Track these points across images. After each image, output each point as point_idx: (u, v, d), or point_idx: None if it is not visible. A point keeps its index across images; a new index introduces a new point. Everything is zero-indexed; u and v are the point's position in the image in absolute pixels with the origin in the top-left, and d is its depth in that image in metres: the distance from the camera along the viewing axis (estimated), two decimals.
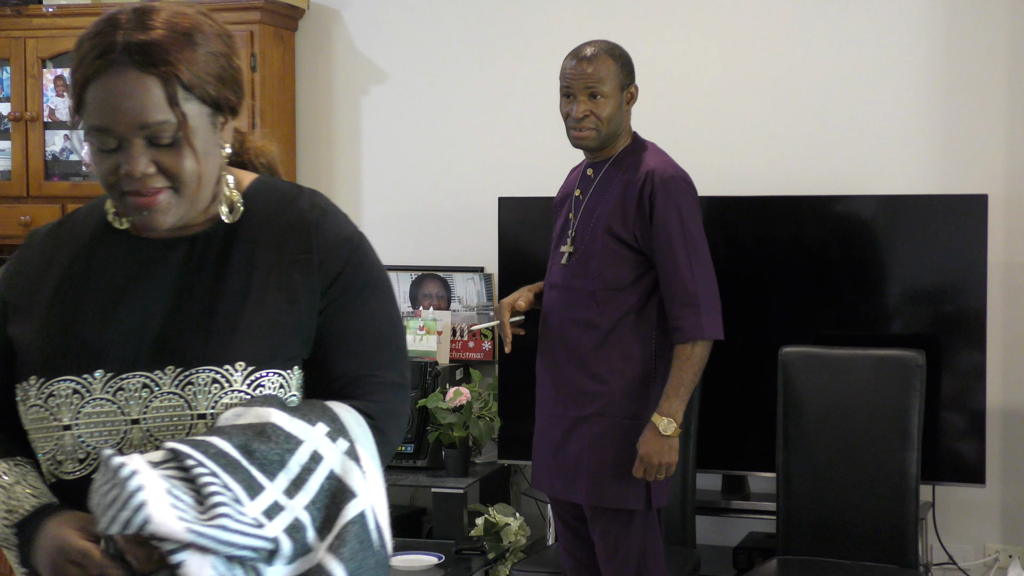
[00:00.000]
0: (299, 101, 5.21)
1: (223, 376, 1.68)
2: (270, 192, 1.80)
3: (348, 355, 1.75)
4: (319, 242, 1.74)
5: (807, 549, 3.86)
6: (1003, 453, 4.47)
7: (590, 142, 3.38)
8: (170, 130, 1.62)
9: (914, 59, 4.54)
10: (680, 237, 3.25)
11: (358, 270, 1.77)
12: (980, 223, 4.14)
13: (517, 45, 4.94)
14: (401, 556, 4.25)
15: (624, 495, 3.28)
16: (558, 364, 3.40)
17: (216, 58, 1.68)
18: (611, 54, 3.40)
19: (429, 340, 4.89)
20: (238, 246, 1.74)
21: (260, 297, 1.71)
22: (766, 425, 4.07)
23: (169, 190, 1.65)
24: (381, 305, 1.80)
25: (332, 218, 1.78)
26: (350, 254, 1.76)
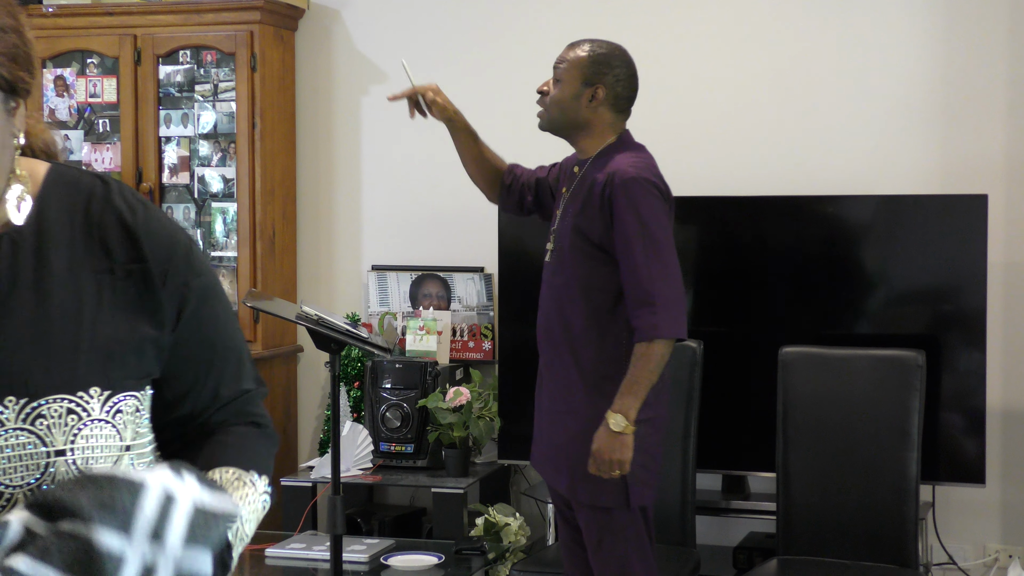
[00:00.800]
0: (299, 101, 5.21)
1: (79, 405, 1.46)
2: (71, 184, 1.56)
3: (212, 371, 1.60)
4: (151, 248, 1.53)
5: (807, 549, 3.86)
6: (1003, 453, 4.47)
7: (541, 122, 3.45)
8: None
9: (914, 59, 4.55)
10: (638, 237, 3.25)
11: (201, 275, 1.59)
12: (980, 223, 4.14)
13: (517, 45, 4.95)
14: (401, 556, 4.25)
15: (600, 492, 3.30)
16: (548, 358, 3.44)
17: (6, 34, 1.44)
18: (589, 48, 3.40)
19: (429, 340, 4.89)
20: (52, 250, 1.50)
21: (95, 313, 1.50)
22: (766, 425, 4.07)
23: None
24: (226, 307, 1.63)
25: (155, 218, 1.57)
26: (188, 258, 1.57)
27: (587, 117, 3.39)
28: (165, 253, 1.54)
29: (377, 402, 4.73)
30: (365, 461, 4.71)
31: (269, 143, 5.01)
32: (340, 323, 3.42)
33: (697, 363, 4.11)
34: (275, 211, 5.06)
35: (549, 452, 3.43)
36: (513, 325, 4.64)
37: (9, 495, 1.43)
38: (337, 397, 3.39)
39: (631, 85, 3.43)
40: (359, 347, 4.90)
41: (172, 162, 5.05)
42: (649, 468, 3.34)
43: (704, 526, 4.45)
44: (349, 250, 5.18)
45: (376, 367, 4.73)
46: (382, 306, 5.07)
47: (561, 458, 3.36)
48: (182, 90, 5.02)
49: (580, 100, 3.38)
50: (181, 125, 5.04)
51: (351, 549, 4.20)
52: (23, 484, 1.44)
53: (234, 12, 4.96)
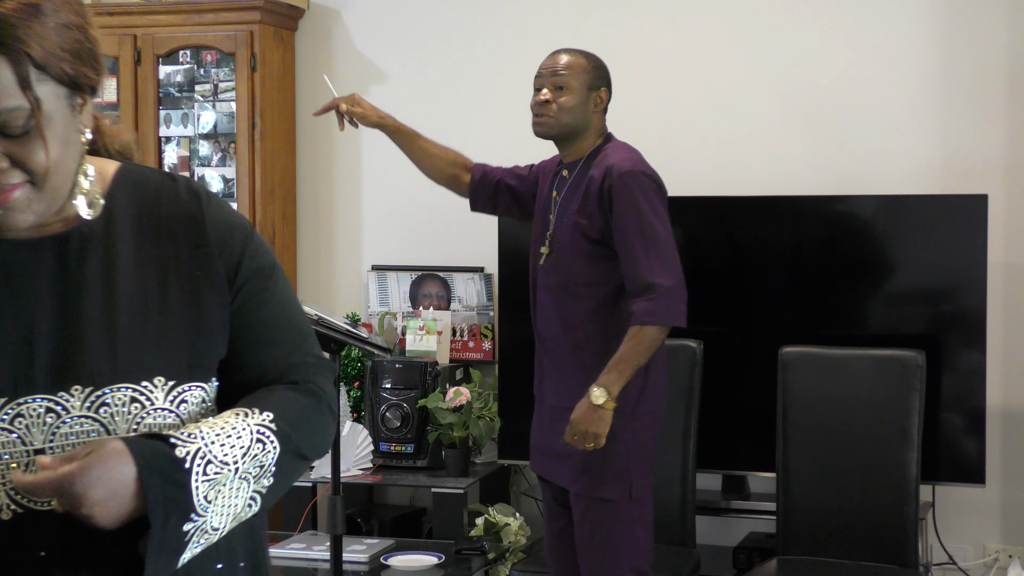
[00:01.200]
0: (299, 101, 5.21)
1: (142, 394, 1.49)
2: (140, 181, 1.60)
3: (271, 346, 1.62)
4: (213, 232, 1.58)
5: (807, 549, 3.86)
6: (1003, 453, 4.47)
7: (548, 128, 3.45)
8: (23, 118, 1.41)
9: (914, 59, 4.55)
10: (637, 229, 3.29)
11: (257, 257, 1.63)
12: (980, 223, 4.14)
13: (516, 45, 4.94)
14: (401, 556, 4.26)
15: (605, 484, 3.34)
16: (551, 360, 3.48)
17: (70, 31, 1.44)
18: (584, 55, 3.50)
19: (429, 340, 4.89)
20: (120, 244, 1.54)
21: (162, 301, 1.53)
22: (766, 425, 4.07)
23: (27, 185, 1.44)
24: (286, 288, 1.67)
25: (216, 205, 1.61)
26: (246, 241, 1.61)
27: (590, 121, 3.46)
28: (224, 234, 1.58)
29: (377, 402, 4.73)
30: (365, 461, 4.71)
31: (269, 143, 5.01)
32: (340, 323, 3.43)
33: (697, 363, 4.11)
34: (275, 211, 5.06)
35: (551, 447, 3.45)
36: (513, 325, 4.64)
37: None
38: (337, 397, 3.39)
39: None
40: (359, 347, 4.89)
41: (172, 162, 5.05)
42: (648, 460, 3.39)
43: (704, 526, 4.45)
44: (349, 250, 5.18)
45: (376, 367, 4.73)
46: (382, 306, 5.07)
47: (564, 453, 3.39)
48: (182, 90, 5.02)
49: (587, 105, 3.44)
50: (181, 125, 5.04)
51: (351, 549, 4.20)
52: None
53: (234, 12, 4.96)
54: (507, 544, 4.44)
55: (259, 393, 1.58)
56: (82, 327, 1.49)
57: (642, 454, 3.37)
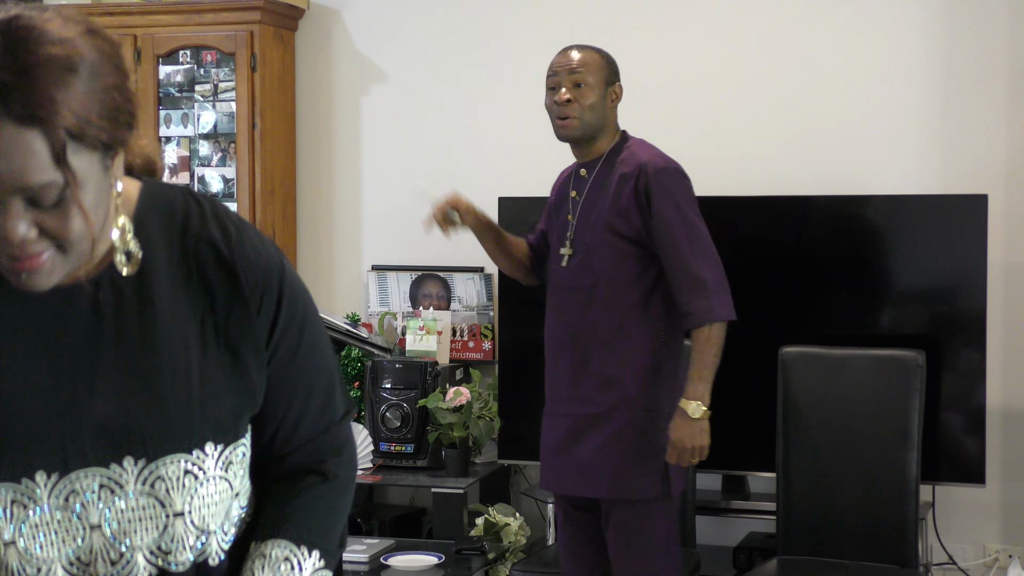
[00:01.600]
0: (299, 101, 5.21)
1: (196, 465, 1.46)
2: (165, 207, 1.51)
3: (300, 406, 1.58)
4: (247, 280, 1.50)
5: (807, 549, 3.86)
6: (1003, 453, 4.47)
7: (574, 130, 3.39)
8: (56, 190, 1.30)
9: (914, 59, 4.55)
10: (680, 225, 3.28)
11: (294, 305, 1.55)
12: (980, 223, 4.14)
13: (517, 45, 4.94)
14: (401, 556, 4.25)
15: (643, 485, 3.31)
16: (569, 364, 3.40)
17: (109, 93, 1.34)
18: (597, 51, 3.46)
19: (429, 340, 4.89)
20: (155, 289, 1.47)
21: (203, 359, 1.47)
22: (766, 425, 4.07)
23: (53, 250, 1.35)
24: (318, 333, 1.60)
25: (249, 242, 1.52)
26: (281, 287, 1.53)
27: (607, 118, 3.42)
28: (261, 280, 1.51)
29: (377, 402, 4.73)
30: (365, 461, 4.71)
31: (269, 143, 5.01)
32: (340, 323, 3.43)
33: None
34: (275, 211, 5.06)
35: (571, 462, 3.38)
36: (513, 325, 4.64)
37: (130, 555, 1.45)
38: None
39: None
40: (359, 347, 4.91)
41: (172, 162, 5.06)
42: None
43: (704, 526, 4.45)
44: (349, 250, 5.18)
45: (376, 367, 4.73)
46: (382, 306, 5.07)
47: (594, 463, 3.33)
48: (182, 90, 5.03)
49: (606, 101, 3.41)
50: (181, 125, 5.04)
51: (351, 549, 4.20)
52: (141, 544, 1.46)
53: (234, 12, 4.96)
54: (507, 544, 4.44)
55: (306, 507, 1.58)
56: (127, 390, 1.44)
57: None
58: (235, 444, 1.51)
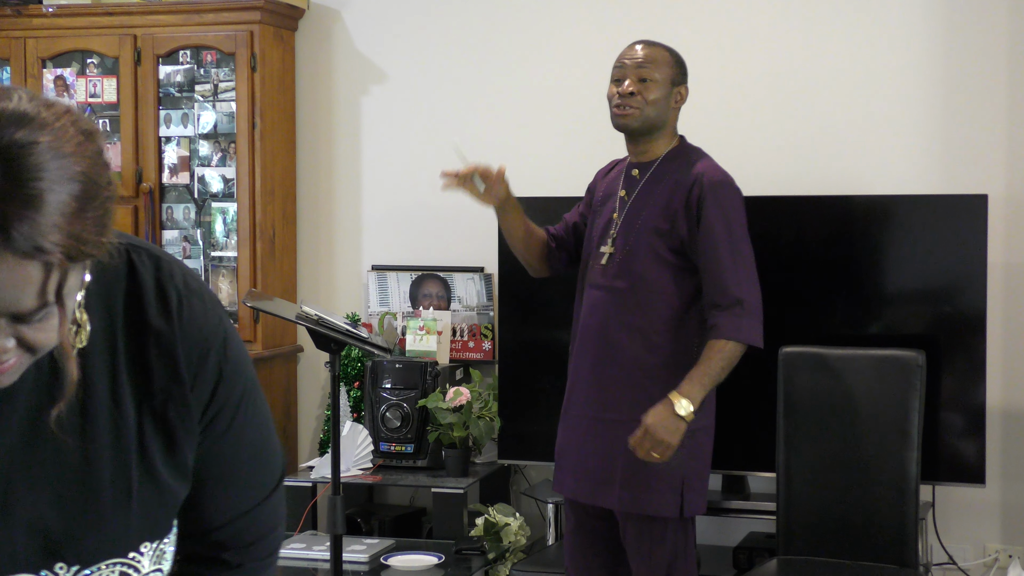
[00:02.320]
0: (299, 101, 5.21)
1: (131, 566, 1.39)
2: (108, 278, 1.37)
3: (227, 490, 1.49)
4: (186, 358, 1.39)
5: (807, 549, 3.86)
6: (1003, 453, 4.47)
7: (632, 121, 3.32)
8: (41, 312, 1.21)
9: (914, 59, 4.55)
10: (726, 241, 3.23)
11: (232, 382, 1.44)
12: (980, 223, 4.14)
13: (517, 45, 4.95)
14: (401, 556, 4.25)
15: (658, 503, 3.25)
16: (597, 364, 3.35)
17: (103, 204, 1.21)
18: (668, 49, 3.40)
19: (429, 340, 4.89)
20: (95, 373, 1.36)
21: (141, 451, 1.38)
22: (766, 425, 4.07)
23: (23, 352, 1.25)
24: (255, 409, 1.49)
25: (190, 314, 1.40)
26: (221, 364, 1.42)
27: (668, 118, 3.38)
28: (198, 359, 1.40)
29: (377, 402, 4.73)
30: (365, 461, 4.71)
31: (269, 143, 5.01)
32: (340, 323, 3.43)
33: None
34: (275, 211, 5.06)
35: (589, 468, 3.33)
36: (513, 325, 4.64)
37: None
38: (337, 397, 3.39)
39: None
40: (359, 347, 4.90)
41: (172, 162, 5.05)
42: (703, 477, 3.33)
43: (704, 526, 4.45)
44: (349, 250, 5.18)
45: (376, 367, 4.73)
46: (382, 306, 5.07)
47: (610, 472, 3.29)
48: (182, 90, 5.02)
49: (669, 101, 3.36)
50: (181, 125, 5.04)
51: (351, 549, 4.20)
52: None
53: (234, 12, 4.96)
54: (507, 544, 4.44)
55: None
56: (63, 492, 1.34)
57: (698, 470, 3.30)
58: (168, 535, 1.44)
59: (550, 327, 4.47)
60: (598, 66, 4.62)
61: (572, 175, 4.37)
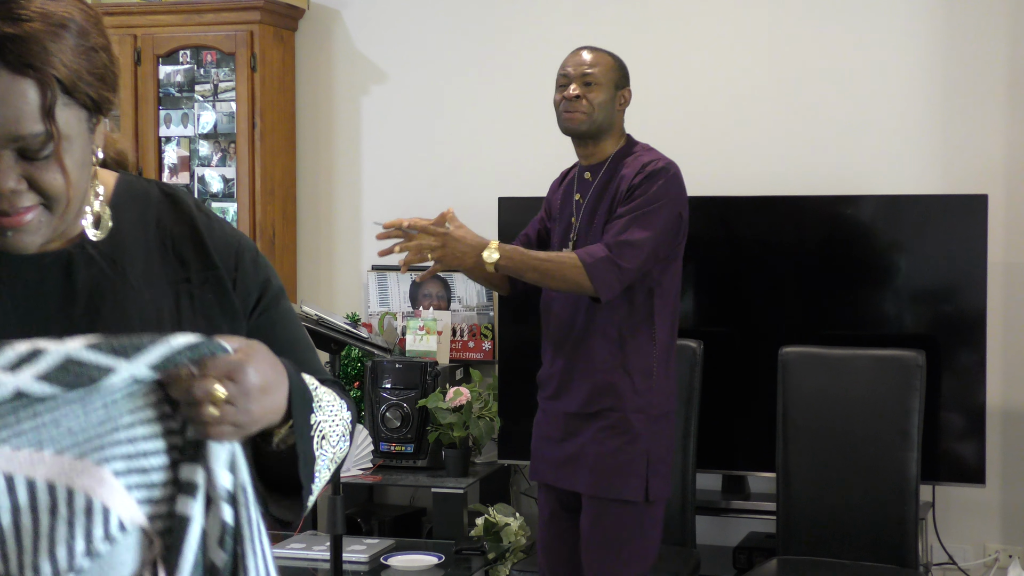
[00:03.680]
0: (299, 101, 5.21)
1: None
2: (140, 194, 1.56)
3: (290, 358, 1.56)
4: (221, 255, 1.54)
5: (807, 549, 3.86)
6: (1003, 453, 4.47)
7: (580, 124, 3.40)
8: (44, 142, 1.35)
9: (914, 59, 4.55)
10: (639, 209, 3.27)
11: (269, 280, 1.60)
12: (980, 223, 4.14)
13: (517, 45, 4.95)
14: (401, 556, 4.25)
15: (623, 487, 3.31)
16: (564, 362, 3.42)
17: (98, 54, 1.41)
18: (609, 54, 3.49)
19: (429, 340, 4.89)
20: (127, 263, 1.49)
21: (176, 327, 1.48)
22: (766, 425, 4.07)
23: (40, 207, 1.39)
24: (291, 306, 1.66)
25: (219, 227, 1.58)
26: (256, 264, 1.58)
27: (614, 120, 3.45)
28: (233, 259, 1.55)
29: (377, 402, 4.73)
30: (365, 461, 4.71)
31: (269, 143, 5.01)
32: (340, 323, 3.43)
33: (697, 363, 4.12)
34: (275, 211, 5.06)
35: (561, 454, 3.41)
36: (513, 325, 4.64)
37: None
38: None
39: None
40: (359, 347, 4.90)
41: (172, 162, 5.05)
42: (667, 462, 3.37)
43: (704, 526, 4.45)
44: (349, 250, 5.18)
45: (376, 367, 4.73)
46: (382, 306, 5.07)
47: (579, 457, 3.35)
48: (182, 90, 5.03)
49: (614, 104, 3.44)
50: (181, 125, 5.04)
51: (351, 549, 4.20)
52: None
53: (234, 12, 4.96)
54: (507, 544, 4.44)
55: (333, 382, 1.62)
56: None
57: (661, 455, 3.34)
58: None
59: None
60: None
61: None
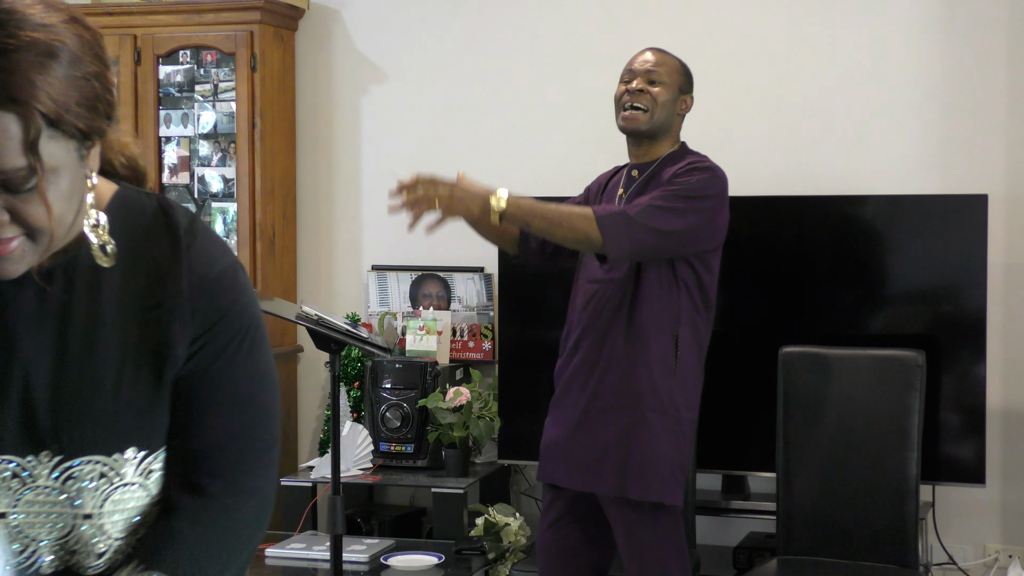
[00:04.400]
0: (299, 101, 5.21)
1: (112, 468, 1.42)
2: (134, 211, 1.48)
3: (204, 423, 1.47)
4: (190, 277, 1.45)
5: (807, 549, 3.86)
6: (1003, 453, 4.47)
7: (641, 123, 3.35)
8: (26, 176, 1.29)
9: (914, 59, 4.55)
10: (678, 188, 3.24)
11: (229, 318, 1.48)
12: (980, 223, 4.14)
13: (517, 45, 4.94)
14: (401, 556, 4.25)
15: (646, 487, 3.26)
16: (586, 354, 3.38)
17: (88, 82, 1.33)
18: (675, 57, 3.46)
19: (429, 340, 4.89)
20: (104, 289, 1.43)
21: (140, 361, 1.42)
22: (766, 425, 4.07)
23: (23, 237, 1.33)
24: (249, 356, 1.51)
25: (201, 247, 1.47)
26: (220, 297, 1.47)
27: (672, 124, 3.43)
28: (202, 286, 1.46)
29: (377, 402, 4.73)
30: (365, 461, 4.71)
31: (269, 143, 5.01)
32: (340, 323, 3.42)
33: None
34: (275, 211, 5.06)
35: (585, 454, 3.35)
36: (513, 325, 4.64)
37: (34, 547, 1.43)
38: (337, 397, 3.39)
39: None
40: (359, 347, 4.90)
41: (172, 162, 5.05)
42: (685, 467, 3.35)
43: (704, 526, 4.45)
44: (349, 250, 5.18)
45: (376, 367, 4.73)
46: (382, 306, 5.07)
47: (608, 456, 3.30)
48: (182, 90, 5.03)
49: (675, 106, 3.41)
50: (181, 125, 5.04)
51: (351, 549, 4.20)
52: (49, 539, 1.43)
53: (234, 12, 4.96)
54: (507, 544, 4.44)
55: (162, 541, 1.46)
56: (58, 383, 1.40)
57: (680, 460, 3.31)
58: (160, 450, 1.45)
59: (550, 327, 4.46)
60: (598, 66, 4.63)
61: (572, 175, 4.36)
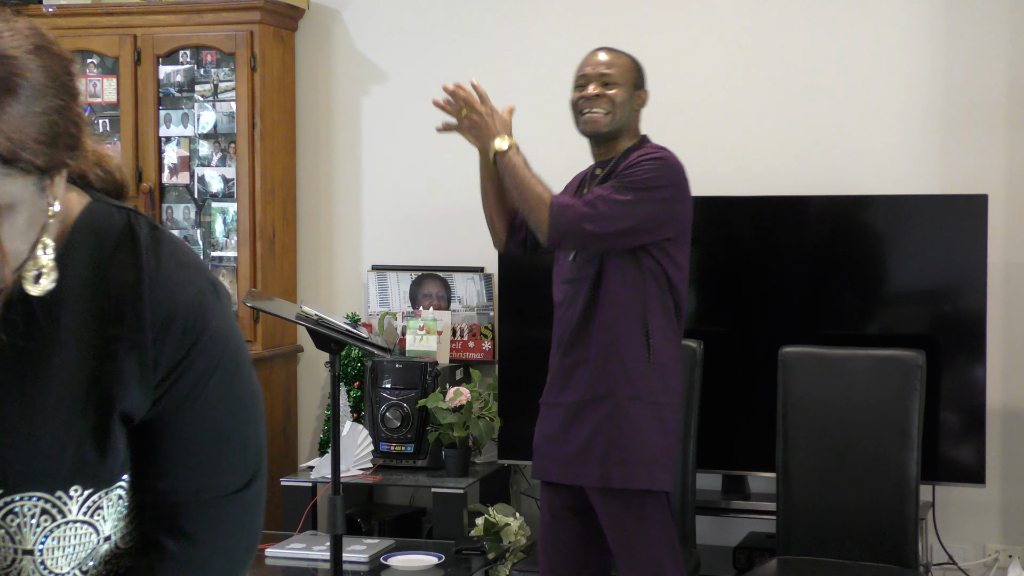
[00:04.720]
0: (299, 101, 5.21)
1: (55, 506, 1.35)
2: (101, 232, 1.40)
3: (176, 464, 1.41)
4: (153, 311, 1.36)
5: (807, 549, 3.86)
6: (1003, 453, 4.47)
7: (600, 126, 3.41)
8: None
9: (914, 59, 4.55)
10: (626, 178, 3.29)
11: (198, 351, 1.39)
12: (980, 223, 4.14)
13: (517, 45, 4.95)
14: (401, 556, 4.25)
15: (630, 475, 3.29)
16: (566, 354, 3.42)
17: (48, 116, 1.26)
18: (626, 54, 3.50)
19: (429, 340, 4.89)
20: (64, 318, 1.36)
21: (91, 392, 1.35)
22: (766, 425, 4.07)
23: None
24: (225, 390, 1.42)
25: (168, 273, 1.38)
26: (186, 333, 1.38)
27: (631, 121, 3.47)
28: (167, 319, 1.37)
29: (377, 402, 4.73)
30: (365, 461, 4.71)
31: (269, 143, 5.00)
32: (340, 323, 3.43)
33: (697, 363, 4.11)
34: (275, 211, 5.06)
35: (564, 451, 3.39)
36: (513, 325, 4.64)
37: None
38: (337, 397, 3.39)
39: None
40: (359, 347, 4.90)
41: (172, 162, 5.05)
42: (671, 453, 3.37)
43: (704, 526, 4.45)
44: (349, 250, 5.18)
45: (376, 367, 4.73)
46: (382, 306, 5.07)
47: (591, 447, 3.33)
48: (182, 90, 5.02)
49: (631, 103, 3.45)
50: (181, 125, 5.04)
51: (351, 549, 4.20)
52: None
53: (234, 12, 4.96)
54: (507, 544, 4.44)
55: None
56: (5, 416, 1.34)
57: (665, 445, 3.34)
58: (108, 489, 1.38)
59: (550, 327, 4.46)
60: None
61: (571, 175, 4.36)
